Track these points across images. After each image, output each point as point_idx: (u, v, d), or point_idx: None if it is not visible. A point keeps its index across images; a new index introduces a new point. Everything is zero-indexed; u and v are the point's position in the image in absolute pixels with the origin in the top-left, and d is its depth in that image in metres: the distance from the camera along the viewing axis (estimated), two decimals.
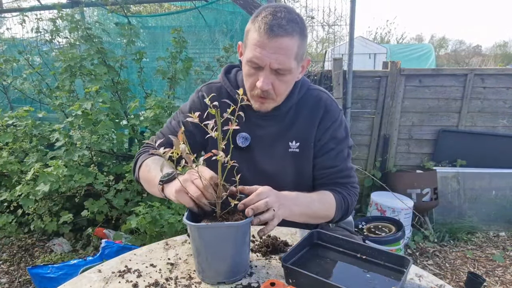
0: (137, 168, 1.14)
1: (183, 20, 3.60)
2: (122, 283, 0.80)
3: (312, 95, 1.14)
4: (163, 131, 1.21)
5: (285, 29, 0.91)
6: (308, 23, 3.28)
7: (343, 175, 1.13)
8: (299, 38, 0.95)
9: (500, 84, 3.12)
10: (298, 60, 0.99)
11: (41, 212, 2.41)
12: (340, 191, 1.11)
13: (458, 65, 17.00)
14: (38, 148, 2.56)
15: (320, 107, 1.12)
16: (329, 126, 1.11)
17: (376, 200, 2.82)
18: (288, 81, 1.02)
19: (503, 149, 3.14)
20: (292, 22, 0.93)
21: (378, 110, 3.22)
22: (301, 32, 0.96)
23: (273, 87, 1.00)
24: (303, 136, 1.12)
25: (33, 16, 3.29)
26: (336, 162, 1.12)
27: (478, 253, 2.70)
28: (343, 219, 1.15)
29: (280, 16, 0.92)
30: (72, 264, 1.84)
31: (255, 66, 0.97)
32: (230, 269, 0.79)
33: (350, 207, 1.12)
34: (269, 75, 0.97)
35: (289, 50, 0.94)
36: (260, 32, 0.92)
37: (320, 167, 1.14)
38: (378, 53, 8.72)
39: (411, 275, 0.81)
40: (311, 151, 1.13)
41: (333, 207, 1.06)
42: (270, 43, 0.92)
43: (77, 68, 2.37)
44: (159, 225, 1.97)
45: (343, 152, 1.14)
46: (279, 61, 0.94)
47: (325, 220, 1.09)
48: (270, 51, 0.93)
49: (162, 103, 2.34)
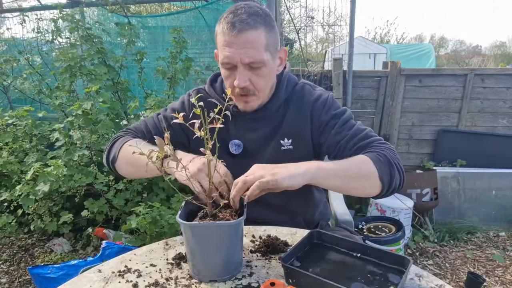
0: (116, 150, 1.09)
1: (183, 20, 3.60)
2: (122, 283, 0.80)
3: (298, 90, 1.14)
4: (148, 122, 1.19)
5: (247, 22, 0.93)
6: (308, 23, 3.29)
7: (360, 137, 1.03)
8: (265, 29, 0.96)
9: (500, 84, 3.12)
10: (271, 51, 0.99)
11: (41, 212, 2.41)
12: (369, 151, 0.98)
13: (458, 65, 17.00)
14: (38, 148, 2.56)
15: (307, 98, 1.12)
16: (321, 110, 1.09)
17: (376, 200, 2.82)
18: (266, 74, 1.01)
19: (503, 149, 3.14)
20: (253, 15, 0.94)
21: (378, 110, 3.22)
22: (266, 23, 0.97)
23: (251, 83, 1.00)
24: (295, 132, 1.11)
25: (33, 16, 3.29)
26: (346, 132, 1.05)
27: (478, 253, 2.70)
28: (396, 180, 0.95)
29: (241, 12, 0.94)
30: (73, 264, 1.84)
31: (228, 66, 0.98)
32: (223, 268, 0.80)
33: (392, 161, 0.95)
34: (244, 72, 0.97)
35: (256, 42, 0.94)
36: (224, 32, 0.95)
37: (333, 145, 1.06)
38: (378, 53, 8.73)
39: (411, 275, 0.81)
40: (309, 147, 1.12)
41: (368, 162, 0.92)
42: (236, 39, 0.93)
43: (77, 68, 2.37)
44: (159, 225, 1.97)
45: (349, 122, 1.07)
46: (248, 55, 0.95)
47: (371, 180, 0.91)
48: (238, 47, 0.94)
49: (162, 103, 2.34)
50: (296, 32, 3.17)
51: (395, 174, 0.95)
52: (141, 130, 1.17)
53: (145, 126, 1.18)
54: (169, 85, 2.61)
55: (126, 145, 1.07)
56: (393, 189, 0.96)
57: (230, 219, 0.79)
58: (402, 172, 0.98)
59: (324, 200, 1.34)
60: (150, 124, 1.18)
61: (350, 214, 1.48)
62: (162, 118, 1.17)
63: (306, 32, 3.80)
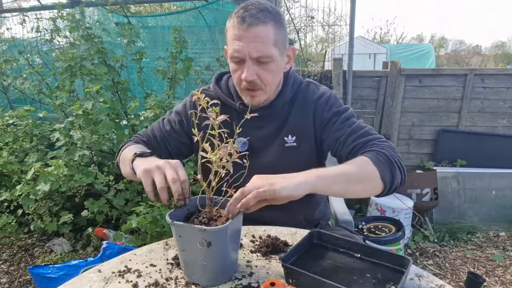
0: (120, 152, 1.15)
1: (183, 20, 3.60)
2: (122, 283, 0.80)
3: (303, 88, 1.16)
4: (154, 126, 1.23)
5: (257, 17, 0.95)
6: (308, 23, 3.29)
7: (360, 134, 1.03)
8: (274, 25, 0.98)
9: (500, 84, 3.12)
10: (279, 48, 1.01)
11: (41, 212, 2.41)
12: (369, 150, 0.97)
13: (458, 65, 17.00)
14: (39, 148, 2.56)
15: (311, 96, 1.13)
16: (324, 108, 1.11)
17: (376, 200, 2.82)
18: (274, 70, 1.03)
19: (503, 149, 3.14)
20: (263, 11, 0.97)
21: (378, 110, 3.22)
22: (275, 19, 0.99)
23: (259, 78, 1.01)
24: (299, 130, 1.12)
25: (33, 16, 3.29)
26: (346, 128, 1.06)
27: (478, 253, 2.70)
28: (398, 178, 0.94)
29: (251, 7, 0.97)
30: (73, 264, 1.84)
31: (237, 60, 1.00)
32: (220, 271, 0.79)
33: (393, 159, 0.94)
34: (252, 66, 0.99)
35: (265, 37, 0.96)
36: (234, 27, 0.97)
37: (333, 141, 1.08)
38: (378, 53, 8.73)
39: (411, 275, 0.81)
40: (312, 144, 1.13)
41: (368, 163, 0.91)
42: (246, 33, 0.95)
43: (77, 68, 2.36)
44: (160, 225, 1.97)
45: (350, 119, 1.08)
46: (257, 49, 0.96)
47: (373, 181, 0.90)
48: (247, 41, 0.96)
49: (162, 103, 2.34)
50: (296, 32, 3.17)
51: (396, 173, 0.94)
52: (147, 134, 1.22)
53: (151, 130, 1.23)
54: (169, 85, 2.61)
55: (126, 148, 1.11)
56: (395, 187, 0.96)
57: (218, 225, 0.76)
58: (403, 170, 0.97)
59: (324, 199, 1.34)
60: (155, 129, 1.22)
61: (350, 214, 1.48)
62: (167, 122, 1.21)
63: (306, 32, 3.80)
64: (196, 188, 2.41)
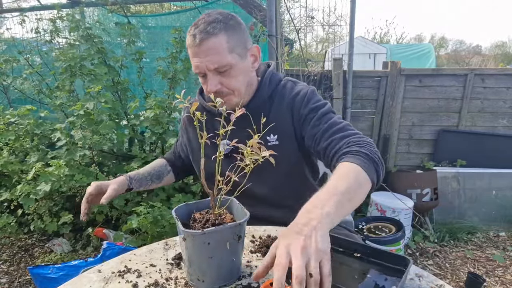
0: None
1: (183, 20, 3.61)
2: (122, 283, 0.80)
3: (281, 87, 1.17)
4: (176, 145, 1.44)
5: (206, 31, 0.99)
6: (308, 23, 3.29)
7: (335, 130, 1.03)
8: (225, 33, 1.01)
9: (500, 84, 3.12)
10: (238, 52, 1.04)
11: (41, 212, 2.41)
12: (346, 151, 0.95)
13: (458, 65, 17.00)
14: (39, 147, 2.56)
15: (288, 94, 1.14)
16: (301, 104, 1.11)
17: (376, 200, 2.82)
18: (236, 75, 1.06)
19: (503, 149, 3.14)
20: (212, 23, 1.00)
21: (378, 110, 3.22)
22: (226, 27, 1.01)
23: (223, 86, 1.06)
24: (280, 128, 1.12)
25: (33, 16, 3.29)
26: (322, 125, 1.05)
27: (478, 253, 2.70)
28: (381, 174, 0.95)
29: (200, 23, 1.01)
30: (73, 264, 1.84)
31: (200, 75, 1.07)
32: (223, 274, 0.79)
33: (373, 156, 0.93)
34: (213, 77, 1.04)
35: (218, 48, 1.00)
36: (189, 45, 1.03)
37: (310, 138, 1.07)
38: (378, 53, 8.73)
39: (411, 275, 0.81)
40: (293, 141, 1.13)
41: (357, 170, 0.88)
42: (199, 49, 1.00)
43: (77, 68, 2.37)
44: (160, 225, 1.98)
45: (327, 115, 1.08)
46: (212, 61, 1.01)
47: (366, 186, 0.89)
48: (202, 56, 1.01)
49: (162, 103, 2.34)
50: (296, 32, 3.17)
51: (379, 169, 0.94)
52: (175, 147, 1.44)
53: (175, 141, 1.45)
54: (169, 85, 2.61)
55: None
56: (379, 182, 0.95)
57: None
58: (383, 164, 0.96)
59: None
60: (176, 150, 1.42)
61: (350, 214, 1.48)
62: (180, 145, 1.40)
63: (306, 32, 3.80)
64: (196, 188, 2.41)
